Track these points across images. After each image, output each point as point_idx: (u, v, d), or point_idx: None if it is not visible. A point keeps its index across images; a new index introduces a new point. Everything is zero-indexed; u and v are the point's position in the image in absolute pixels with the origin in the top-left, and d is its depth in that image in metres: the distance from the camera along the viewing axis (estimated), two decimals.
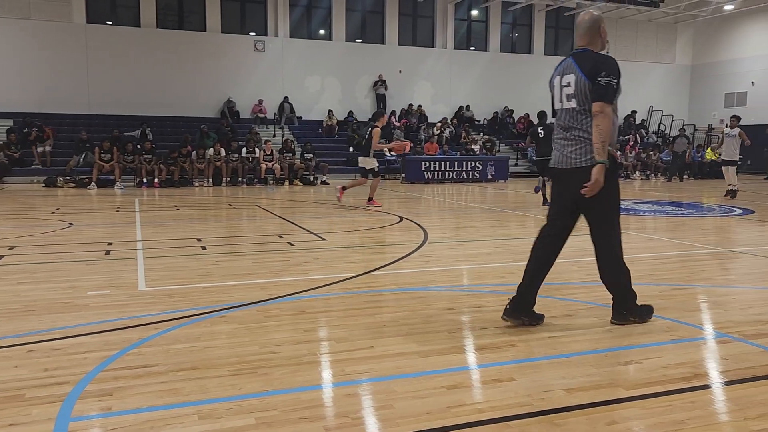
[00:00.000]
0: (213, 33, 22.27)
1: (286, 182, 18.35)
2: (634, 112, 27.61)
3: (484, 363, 3.35)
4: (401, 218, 9.90)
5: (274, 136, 21.40)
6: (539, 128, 11.40)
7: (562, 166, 3.90)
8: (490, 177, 20.05)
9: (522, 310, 3.93)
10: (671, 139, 24.25)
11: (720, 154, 15.14)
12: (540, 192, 11.85)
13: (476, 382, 3.07)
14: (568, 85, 3.82)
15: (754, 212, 11.18)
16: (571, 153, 3.83)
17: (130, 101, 20.99)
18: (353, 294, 4.88)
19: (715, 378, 3.13)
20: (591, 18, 3.89)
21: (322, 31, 24.06)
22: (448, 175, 19.73)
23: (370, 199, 11.74)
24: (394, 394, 2.90)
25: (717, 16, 27.17)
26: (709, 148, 24.77)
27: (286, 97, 22.77)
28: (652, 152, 23.79)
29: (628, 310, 4.01)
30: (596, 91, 3.67)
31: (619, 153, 22.85)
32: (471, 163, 20.10)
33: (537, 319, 3.98)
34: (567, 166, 3.86)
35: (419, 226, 8.95)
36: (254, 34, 22.98)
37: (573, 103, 3.81)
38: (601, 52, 3.85)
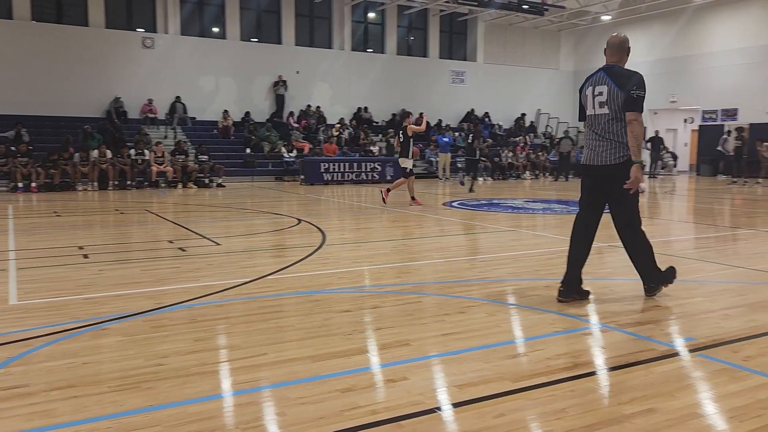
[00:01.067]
0: (96, 28, 21.03)
1: (180, 185, 17.66)
2: (523, 114, 28.96)
3: (378, 364, 3.36)
4: (299, 221, 9.79)
5: (166, 137, 20.53)
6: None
7: (594, 163, 4.52)
8: (389, 178, 20.29)
9: (573, 291, 4.59)
10: (557, 140, 25.62)
11: None
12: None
13: (370, 383, 3.07)
14: (601, 94, 4.44)
15: None
16: (603, 153, 4.45)
17: (2, 99, 19.37)
18: (247, 300, 4.75)
19: (594, 366, 3.31)
20: (622, 39, 4.58)
21: (215, 29, 23.39)
22: (348, 176, 19.78)
23: (413, 198, 12.48)
24: (287, 401, 2.84)
25: (596, 25, 29.07)
26: None
27: (178, 97, 21.91)
28: (540, 153, 25.05)
29: (655, 281, 4.64)
30: (630, 103, 4.29)
31: (511, 154, 23.74)
32: (370, 164, 20.27)
33: (585, 295, 4.65)
34: (598, 163, 4.48)
35: (318, 228, 8.89)
36: (142, 30, 21.95)
37: (605, 110, 4.43)
38: (627, 68, 4.54)
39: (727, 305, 4.55)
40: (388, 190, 12.47)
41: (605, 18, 28.00)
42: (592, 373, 3.19)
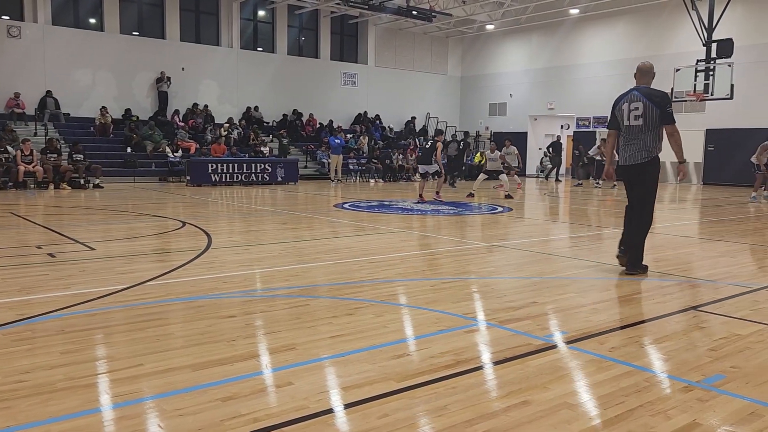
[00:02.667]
0: None
1: (51, 186, 16.43)
2: (413, 118, 29.61)
3: (262, 370, 3.28)
4: (184, 223, 9.40)
5: (35, 134, 19.03)
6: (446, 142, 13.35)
7: (628, 163, 5.78)
8: (280, 179, 20.02)
9: (636, 264, 5.82)
10: (446, 144, 26.38)
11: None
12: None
13: (254, 390, 2.98)
14: (637, 109, 5.62)
15: (512, 210, 12.63)
16: (634, 154, 5.71)
17: None
18: (124, 308, 4.48)
19: (474, 363, 3.42)
20: (649, 66, 5.82)
21: (92, 20, 21.99)
22: (237, 177, 19.28)
23: (437, 193, 14.39)
24: (163, 414, 2.70)
25: (481, 33, 30.33)
26: (479, 153, 27.48)
27: (49, 91, 20.37)
28: None
29: (637, 266, 5.82)
30: (668, 118, 5.57)
31: (401, 156, 24.09)
32: (260, 165, 19.87)
33: (645, 269, 5.87)
34: (631, 162, 5.75)
35: (203, 231, 8.58)
36: (7, 17, 20.20)
37: (640, 122, 5.62)
38: (651, 87, 5.75)
39: (596, 300, 4.88)
40: (437, 193, 14.30)
41: (489, 27, 29.26)
42: (473, 370, 3.29)
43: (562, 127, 29.74)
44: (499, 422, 2.65)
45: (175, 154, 20.32)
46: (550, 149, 25.54)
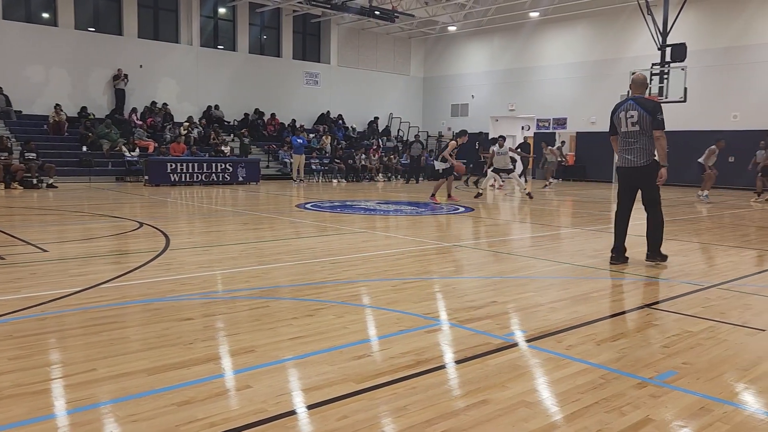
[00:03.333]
0: None
1: (2, 186, 15.88)
2: (376, 118, 29.62)
3: (220, 373, 3.23)
4: (141, 224, 9.21)
5: None
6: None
7: (627, 165, 6.42)
8: (241, 179, 19.78)
9: (621, 257, 6.56)
10: (408, 144, 26.52)
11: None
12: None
13: (211, 394, 2.93)
14: (633, 117, 6.29)
15: (473, 210, 12.74)
16: (634, 158, 6.34)
17: None
18: (77, 311, 4.35)
19: (435, 363, 3.44)
20: (643, 78, 6.54)
21: (45, 15, 21.32)
22: (197, 177, 18.97)
23: (432, 195, 14.12)
24: (118, 419, 2.63)
25: (443, 35, 30.53)
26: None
27: None
28: (393, 156, 25.76)
29: (657, 255, 6.50)
30: (657, 124, 6.20)
31: (364, 156, 24.01)
32: (221, 165, 19.59)
33: (626, 260, 6.59)
34: (630, 165, 6.38)
35: (161, 231, 8.41)
36: None
37: (636, 128, 6.29)
38: (646, 98, 6.48)
39: (554, 299, 4.95)
40: (448, 196, 14.33)
41: (452, 28, 29.48)
42: (433, 370, 3.30)
43: (522, 128, 30.14)
44: (458, 422, 2.66)
45: (133, 153, 19.87)
46: (519, 150, 25.85)
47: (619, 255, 6.56)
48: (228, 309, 4.51)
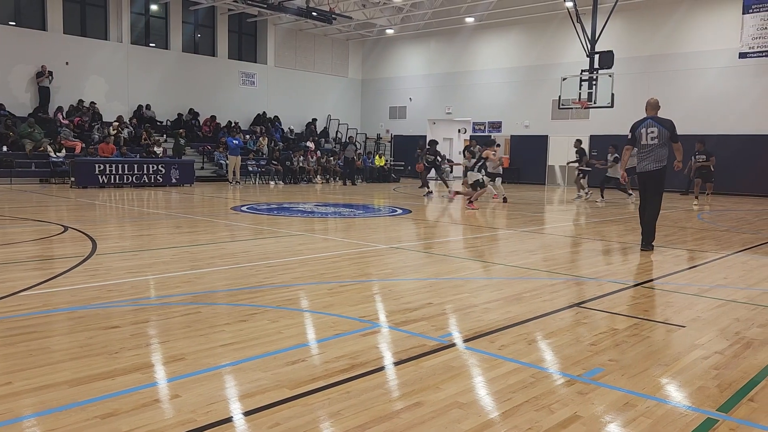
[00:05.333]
0: None
1: None
2: (314, 119, 29.43)
3: (147, 383, 3.11)
4: (66, 228, 8.81)
5: None
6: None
7: (645, 170, 7.88)
8: (174, 181, 19.24)
9: (649, 244, 7.91)
10: (344, 145, 26.44)
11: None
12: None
13: (136, 405, 2.82)
14: (653, 132, 7.78)
15: (411, 212, 12.84)
16: (650, 164, 7.82)
17: None
18: None
19: (369, 366, 3.42)
20: (656, 101, 7.97)
21: None
22: (127, 178, 18.31)
23: (470, 201, 14.03)
24: None
25: (381, 37, 30.67)
26: (378, 155, 27.78)
27: None
28: (331, 158, 25.67)
29: (650, 242, 7.88)
30: (675, 138, 7.81)
31: (301, 158, 23.75)
32: (153, 166, 18.99)
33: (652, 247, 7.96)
34: (648, 170, 7.86)
35: (88, 236, 8.07)
36: None
37: (655, 141, 7.77)
38: (662, 117, 7.94)
39: (488, 299, 5.04)
40: (470, 201, 14.00)
41: (389, 31, 29.66)
42: (368, 373, 3.29)
43: (459, 131, 30.64)
44: (391, 425, 2.65)
45: (59, 153, 19.01)
46: (465, 152, 26.19)
47: (647, 242, 7.92)
48: (157, 316, 4.36)
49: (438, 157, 18.53)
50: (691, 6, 22.13)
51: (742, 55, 20.33)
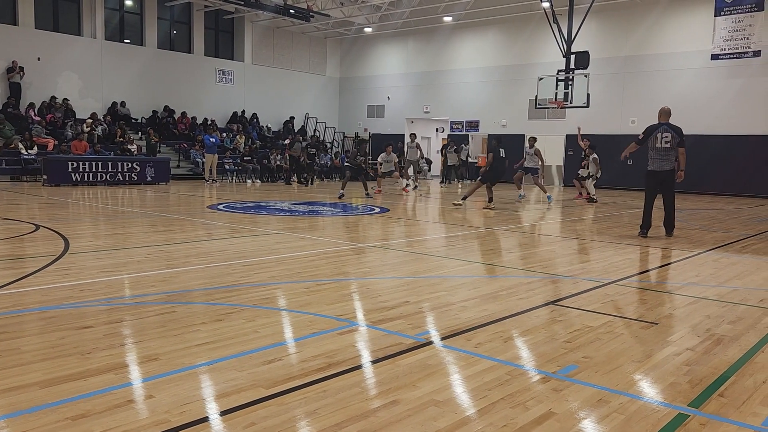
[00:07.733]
0: None
1: None
2: (292, 118, 29.29)
3: (120, 383, 3.06)
4: (38, 227, 8.65)
5: None
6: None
7: (658, 170, 8.88)
8: (149, 179, 19.01)
9: (647, 231, 9.10)
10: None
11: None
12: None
13: (109, 406, 2.78)
14: (667, 136, 8.78)
15: (389, 210, 12.85)
16: (663, 164, 8.84)
17: None
18: None
19: (346, 365, 3.41)
20: (668, 109, 9.04)
21: None
22: (101, 176, 18.04)
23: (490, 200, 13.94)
24: None
25: (360, 36, 30.62)
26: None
27: None
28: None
29: (672, 229, 9.14)
30: (683, 143, 8.87)
31: (279, 157, 23.48)
32: (128, 164, 18.74)
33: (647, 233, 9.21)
34: (661, 169, 8.86)
35: (60, 234, 7.93)
36: None
37: (668, 144, 8.79)
38: (673, 123, 8.97)
39: (465, 297, 5.06)
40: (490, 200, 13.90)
41: (368, 30, 29.63)
42: (345, 372, 3.28)
43: (437, 130, 30.76)
44: (368, 423, 2.65)
45: (30, 150, 18.66)
46: (444, 151, 26.28)
47: (646, 231, 9.07)
48: (131, 315, 4.30)
49: (365, 159, 17.00)
50: (665, 8, 22.47)
51: (714, 57, 20.68)
